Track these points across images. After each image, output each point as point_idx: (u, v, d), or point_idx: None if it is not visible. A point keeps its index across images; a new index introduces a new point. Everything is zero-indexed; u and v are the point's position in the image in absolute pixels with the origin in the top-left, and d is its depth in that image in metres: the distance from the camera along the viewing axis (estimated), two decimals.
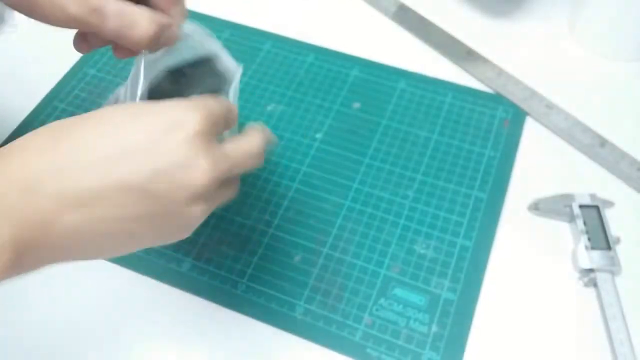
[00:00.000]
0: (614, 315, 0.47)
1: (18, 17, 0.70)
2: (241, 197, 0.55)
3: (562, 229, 0.52)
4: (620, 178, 0.55)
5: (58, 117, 0.61)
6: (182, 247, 0.52)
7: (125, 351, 0.47)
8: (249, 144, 0.34)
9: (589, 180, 0.55)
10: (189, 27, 0.42)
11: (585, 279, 0.49)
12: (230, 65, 0.44)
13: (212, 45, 0.44)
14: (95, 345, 0.47)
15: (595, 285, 0.49)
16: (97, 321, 0.48)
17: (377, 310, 0.48)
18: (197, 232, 0.52)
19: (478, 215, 0.53)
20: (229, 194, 0.35)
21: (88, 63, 0.66)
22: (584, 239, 0.50)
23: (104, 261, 0.51)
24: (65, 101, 0.63)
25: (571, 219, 0.52)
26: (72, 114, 0.61)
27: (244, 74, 0.64)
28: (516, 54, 0.65)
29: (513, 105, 0.61)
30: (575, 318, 0.48)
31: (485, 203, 0.54)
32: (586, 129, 0.58)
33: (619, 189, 0.54)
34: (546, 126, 0.59)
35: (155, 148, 0.27)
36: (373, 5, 0.71)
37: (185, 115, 0.28)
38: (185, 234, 0.32)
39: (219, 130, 0.32)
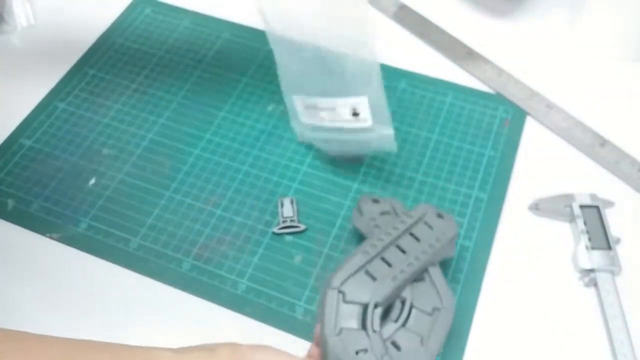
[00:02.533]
0: (614, 315, 0.47)
1: (18, 17, 0.70)
2: (241, 197, 0.55)
3: (562, 229, 0.52)
4: (620, 178, 0.55)
5: (58, 117, 0.61)
6: (182, 247, 0.52)
7: None
8: None
9: (589, 180, 0.55)
10: None
11: (586, 279, 0.49)
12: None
13: None
14: None
15: (595, 285, 0.49)
16: (97, 321, 0.48)
17: None
18: (197, 232, 0.53)
19: (478, 215, 0.53)
20: None
21: (88, 63, 0.66)
22: (584, 239, 0.50)
23: (103, 261, 0.51)
24: (65, 101, 0.63)
25: (571, 219, 0.52)
26: (72, 114, 0.61)
27: (243, 75, 0.64)
28: (516, 53, 0.65)
29: (513, 105, 0.60)
30: (575, 318, 0.48)
31: (485, 203, 0.54)
32: (586, 129, 0.58)
33: (619, 189, 0.54)
34: (546, 126, 0.59)
35: None
36: (373, 5, 0.70)
37: None
38: None
39: None
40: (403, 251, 0.44)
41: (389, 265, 0.43)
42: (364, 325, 0.41)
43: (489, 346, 0.47)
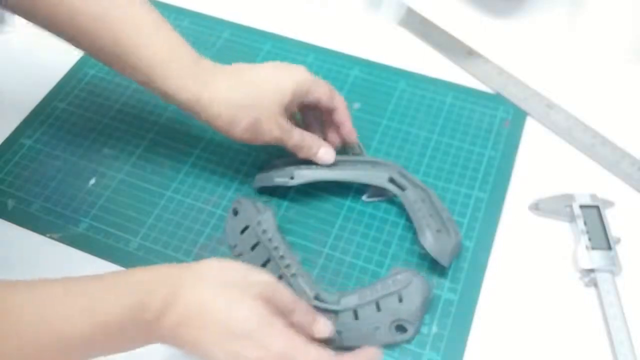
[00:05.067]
0: (614, 315, 0.46)
1: (18, 18, 0.70)
2: (241, 197, 0.55)
3: (562, 229, 0.52)
4: (620, 178, 0.55)
5: (58, 117, 0.61)
6: (182, 247, 0.52)
7: None
8: None
9: (589, 180, 0.55)
10: None
11: (586, 279, 0.49)
12: None
13: None
14: None
15: (595, 285, 0.49)
16: None
17: None
18: (197, 233, 0.53)
19: (478, 215, 0.53)
20: None
21: (88, 63, 0.66)
22: (584, 239, 0.50)
23: (103, 261, 0.51)
24: (65, 101, 0.63)
25: (571, 219, 0.52)
26: (72, 114, 0.61)
27: None
28: (516, 53, 0.65)
29: (513, 105, 0.60)
30: (575, 318, 0.48)
31: (485, 203, 0.54)
32: (587, 129, 0.58)
33: (619, 189, 0.54)
34: (546, 126, 0.59)
35: None
36: (374, 7, 0.70)
37: None
38: None
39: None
40: None
41: None
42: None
43: (489, 346, 0.46)
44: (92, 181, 0.56)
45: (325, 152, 0.52)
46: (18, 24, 0.69)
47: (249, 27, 0.69)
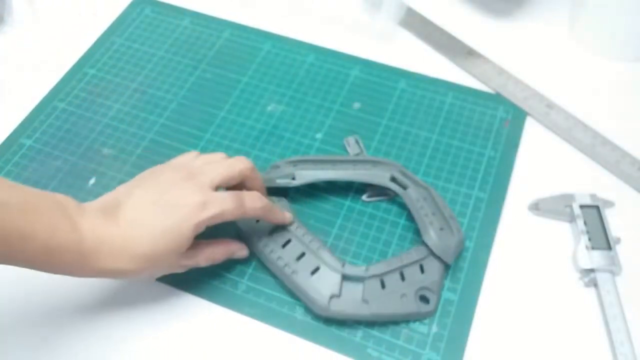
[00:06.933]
0: (614, 315, 0.46)
1: (18, 17, 0.70)
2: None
3: (562, 229, 0.52)
4: (620, 178, 0.55)
5: (58, 117, 0.61)
6: None
7: (125, 351, 0.47)
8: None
9: (589, 180, 0.55)
10: None
11: (586, 279, 0.49)
12: None
13: None
14: (95, 344, 0.47)
15: (595, 285, 0.49)
16: (97, 321, 0.48)
17: None
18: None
19: (478, 215, 0.53)
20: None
21: (88, 63, 0.66)
22: (584, 239, 0.50)
23: None
24: (65, 101, 0.63)
25: (571, 219, 0.52)
26: (72, 114, 0.61)
27: (243, 75, 0.64)
28: (516, 53, 0.65)
29: (513, 105, 0.60)
30: (575, 318, 0.48)
31: (485, 203, 0.54)
32: (587, 129, 0.58)
33: (619, 189, 0.54)
34: (546, 126, 0.59)
35: None
36: (375, 7, 0.70)
37: None
38: None
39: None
40: None
41: None
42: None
43: (489, 346, 0.47)
44: (92, 181, 0.56)
45: (241, 255, 0.50)
46: (19, 23, 0.69)
47: (249, 27, 0.69)
